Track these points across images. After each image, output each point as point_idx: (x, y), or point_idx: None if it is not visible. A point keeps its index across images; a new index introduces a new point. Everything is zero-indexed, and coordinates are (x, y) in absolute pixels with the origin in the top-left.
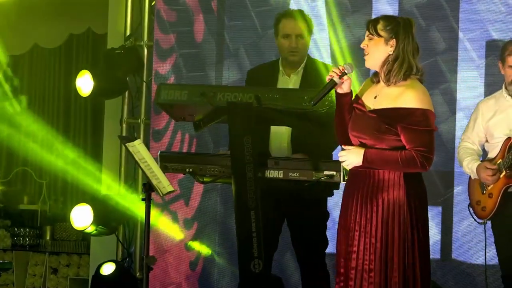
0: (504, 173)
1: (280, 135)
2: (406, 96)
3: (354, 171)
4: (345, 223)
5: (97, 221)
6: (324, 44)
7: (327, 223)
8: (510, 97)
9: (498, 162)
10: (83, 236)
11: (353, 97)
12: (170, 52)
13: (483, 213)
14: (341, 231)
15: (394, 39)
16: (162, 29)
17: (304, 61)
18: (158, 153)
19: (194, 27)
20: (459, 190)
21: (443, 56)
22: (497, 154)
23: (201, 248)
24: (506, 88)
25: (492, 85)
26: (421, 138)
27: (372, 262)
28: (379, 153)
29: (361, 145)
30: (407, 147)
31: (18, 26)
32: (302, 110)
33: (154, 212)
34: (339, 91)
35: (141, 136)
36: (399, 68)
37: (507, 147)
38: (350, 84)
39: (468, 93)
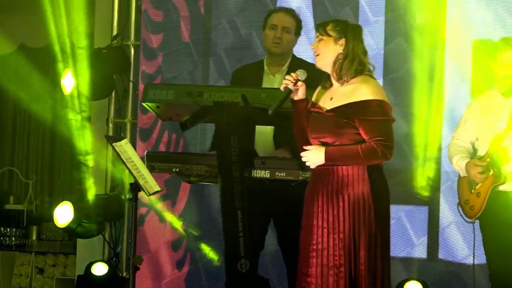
0: (492, 171)
1: (265, 134)
2: (360, 90)
3: (317, 169)
4: (309, 221)
5: (79, 218)
6: None
7: None
8: (501, 95)
9: (487, 160)
10: (70, 236)
11: (309, 105)
12: (157, 52)
13: (472, 212)
14: (305, 230)
15: (344, 39)
16: (149, 28)
17: (289, 60)
18: (145, 153)
19: (181, 26)
20: (446, 189)
21: (429, 55)
22: (486, 153)
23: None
24: (498, 86)
25: (479, 85)
26: (379, 128)
27: (341, 257)
28: (340, 149)
29: (322, 144)
30: (366, 139)
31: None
32: (288, 110)
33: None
34: (295, 97)
35: (128, 136)
36: (350, 64)
37: (496, 145)
38: (305, 90)
39: (453, 92)
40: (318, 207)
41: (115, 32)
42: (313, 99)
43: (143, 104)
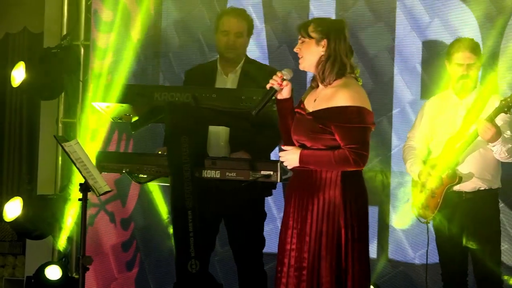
0: (446, 173)
1: (218, 135)
2: (338, 95)
3: (296, 170)
4: (286, 220)
5: (28, 214)
6: None
7: (265, 223)
8: (456, 96)
9: (441, 163)
10: (19, 237)
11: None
12: (107, 52)
13: (426, 213)
14: (281, 228)
15: (325, 40)
16: (99, 28)
17: (242, 61)
18: (95, 153)
19: (131, 26)
20: (395, 189)
21: (379, 56)
22: (440, 154)
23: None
24: (452, 86)
25: (429, 85)
26: (353, 135)
27: (305, 260)
28: (313, 153)
29: (301, 146)
30: (341, 145)
31: None
32: (240, 110)
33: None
34: (279, 97)
35: (78, 135)
36: (332, 67)
37: (450, 147)
38: (290, 89)
39: (405, 93)
40: (293, 207)
41: (64, 32)
42: (302, 97)
43: (93, 104)
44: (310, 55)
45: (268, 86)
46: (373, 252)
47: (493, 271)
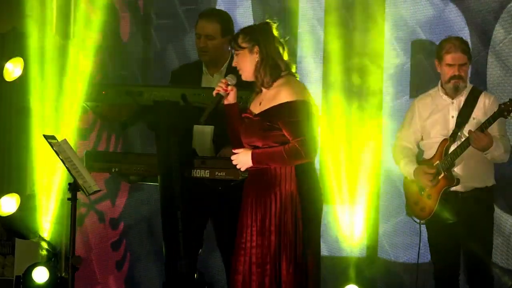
0: (442, 174)
1: (203, 134)
2: (280, 94)
3: (251, 170)
4: (242, 220)
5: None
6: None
7: None
8: (446, 96)
9: (435, 164)
10: (8, 236)
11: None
12: (96, 51)
13: (423, 214)
14: (238, 229)
15: (257, 46)
16: (88, 27)
17: (227, 61)
18: (84, 152)
19: (120, 25)
20: (384, 189)
21: (370, 55)
22: (434, 155)
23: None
24: (442, 86)
25: (419, 85)
26: (300, 128)
27: (267, 256)
28: (265, 151)
29: (254, 148)
30: (290, 140)
31: None
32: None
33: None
34: (226, 102)
35: (67, 135)
36: (266, 69)
37: (444, 148)
38: (235, 95)
39: (394, 93)
40: (251, 206)
41: (54, 31)
42: (248, 103)
43: (83, 103)
44: (247, 65)
45: (214, 92)
46: (362, 251)
47: (485, 266)
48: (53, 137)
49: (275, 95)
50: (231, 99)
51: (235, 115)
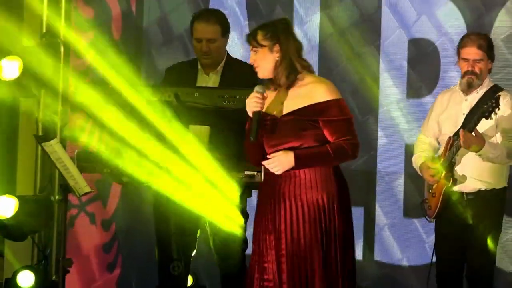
0: (443, 173)
1: (199, 134)
2: (317, 91)
3: (270, 174)
4: (257, 227)
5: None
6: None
7: (248, 224)
8: (461, 92)
9: (440, 161)
10: None
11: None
12: (87, 50)
13: (430, 212)
14: (263, 234)
15: (277, 44)
16: (79, 26)
17: (224, 60)
18: (75, 153)
19: (112, 24)
20: (381, 190)
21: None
22: (442, 153)
23: None
24: (459, 82)
25: (416, 84)
26: (344, 127)
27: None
28: (309, 151)
29: (287, 150)
30: (332, 139)
31: None
32: (222, 109)
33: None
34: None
35: (58, 135)
36: (283, 70)
37: (448, 146)
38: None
39: (392, 91)
40: (267, 212)
41: (44, 30)
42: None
43: (73, 103)
44: (266, 63)
45: (255, 109)
46: (359, 253)
47: (487, 271)
48: (44, 138)
49: (309, 93)
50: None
51: (260, 121)
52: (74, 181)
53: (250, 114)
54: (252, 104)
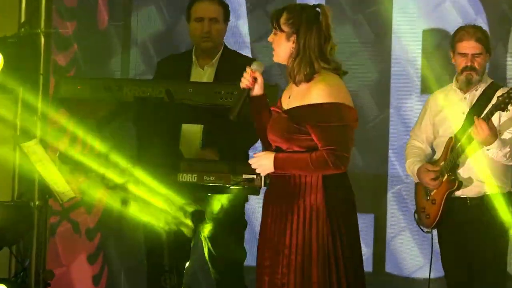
0: (446, 176)
1: (192, 134)
2: (312, 92)
3: (273, 177)
4: (262, 235)
5: None
6: None
7: (245, 233)
8: (459, 90)
9: (441, 165)
10: None
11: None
12: (71, 41)
13: (428, 221)
14: (258, 245)
15: (295, 35)
16: (61, 15)
17: (220, 52)
18: (57, 155)
19: (97, 13)
20: (392, 195)
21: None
22: (441, 156)
23: None
24: (456, 79)
25: (428, 80)
26: (331, 135)
27: (285, 277)
28: (289, 157)
29: (277, 149)
30: (319, 146)
31: None
32: (218, 106)
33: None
34: (253, 94)
35: (38, 135)
36: (298, 66)
37: (450, 148)
38: (262, 85)
39: (402, 88)
40: (271, 219)
41: (23, 19)
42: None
43: (55, 99)
44: (281, 50)
45: (242, 86)
46: (368, 265)
47: (499, 278)
48: (23, 138)
49: (305, 93)
50: (257, 90)
51: (263, 108)
52: (56, 186)
53: None
54: (242, 80)
